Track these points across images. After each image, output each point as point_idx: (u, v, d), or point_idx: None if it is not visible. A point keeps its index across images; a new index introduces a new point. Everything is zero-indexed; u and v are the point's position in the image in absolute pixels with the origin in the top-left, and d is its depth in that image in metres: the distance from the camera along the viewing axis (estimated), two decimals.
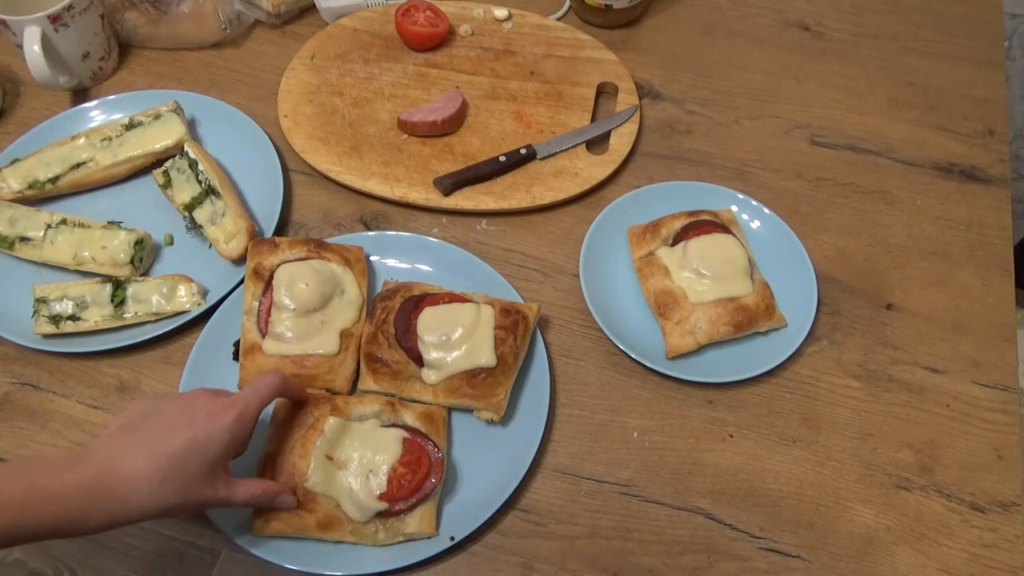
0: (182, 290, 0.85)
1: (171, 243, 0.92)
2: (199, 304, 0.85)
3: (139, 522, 0.60)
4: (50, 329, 0.83)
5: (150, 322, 0.85)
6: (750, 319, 0.82)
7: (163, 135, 0.95)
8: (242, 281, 0.85)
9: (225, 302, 0.85)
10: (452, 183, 0.94)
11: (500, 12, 1.12)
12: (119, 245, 0.86)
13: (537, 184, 0.96)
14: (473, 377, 0.77)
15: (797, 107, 1.06)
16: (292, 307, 0.80)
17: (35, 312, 0.83)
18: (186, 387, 0.79)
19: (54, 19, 0.96)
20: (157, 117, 0.96)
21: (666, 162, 1.01)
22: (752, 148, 1.02)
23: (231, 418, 0.64)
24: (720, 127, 1.04)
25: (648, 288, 0.85)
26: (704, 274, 0.83)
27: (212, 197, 0.90)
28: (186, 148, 0.93)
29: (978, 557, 0.74)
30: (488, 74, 1.06)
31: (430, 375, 0.78)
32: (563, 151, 0.99)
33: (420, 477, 0.72)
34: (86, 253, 0.87)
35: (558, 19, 1.15)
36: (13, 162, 0.93)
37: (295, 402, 0.75)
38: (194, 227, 0.91)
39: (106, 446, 0.61)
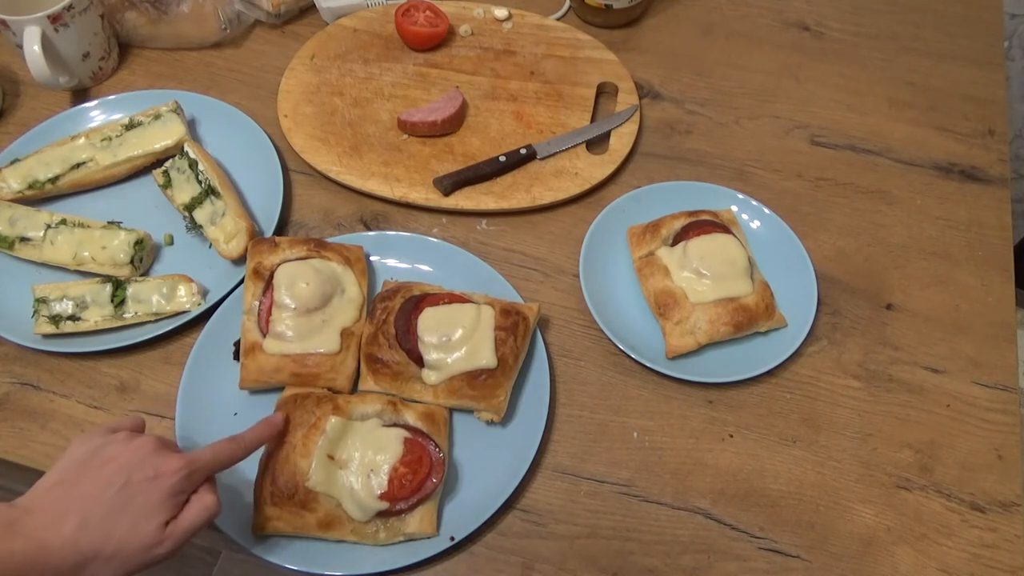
0: (182, 290, 0.85)
1: (171, 243, 0.92)
2: (199, 304, 0.85)
3: None
4: (50, 329, 0.83)
5: (150, 322, 0.85)
6: (750, 319, 0.82)
7: (163, 135, 0.95)
8: (242, 281, 0.85)
9: (225, 302, 0.85)
10: (452, 183, 0.94)
11: (500, 12, 1.12)
12: (119, 245, 0.86)
13: (537, 184, 0.96)
14: (473, 378, 0.77)
15: (797, 107, 1.06)
16: (293, 306, 0.80)
17: (35, 312, 0.83)
18: (187, 387, 0.80)
19: (54, 19, 0.96)
20: (157, 117, 0.96)
21: (666, 162, 1.01)
22: (752, 148, 1.02)
23: (175, 481, 0.60)
24: (720, 127, 1.04)
25: (648, 288, 0.85)
26: (704, 274, 0.83)
27: (212, 197, 0.90)
28: (186, 148, 0.93)
29: (978, 557, 0.74)
30: (488, 74, 1.06)
31: (430, 376, 0.78)
32: (563, 151, 0.99)
33: (421, 477, 0.72)
34: (86, 253, 0.87)
35: (558, 19, 1.15)
36: (13, 162, 0.93)
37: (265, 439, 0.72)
38: (194, 227, 0.91)
39: (40, 509, 0.57)
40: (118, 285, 0.85)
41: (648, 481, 0.78)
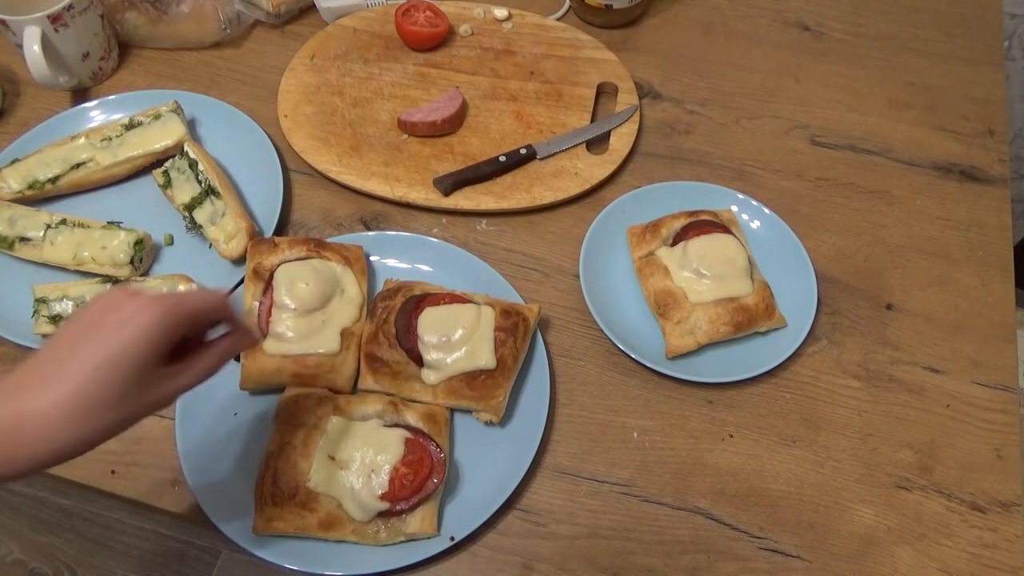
0: (182, 290, 0.85)
1: (171, 243, 0.92)
2: None
3: (74, 457, 0.54)
4: (50, 329, 0.83)
5: None
6: (750, 319, 0.82)
7: (163, 135, 0.95)
8: (242, 281, 0.85)
9: None
10: (452, 183, 0.94)
11: (500, 12, 1.12)
12: (119, 245, 0.86)
13: (537, 184, 0.96)
14: (472, 379, 0.77)
15: (797, 107, 1.06)
16: (293, 307, 0.80)
17: (35, 312, 0.83)
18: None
19: (54, 19, 0.96)
20: (157, 117, 0.96)
21: (666, 162, 1.01)
22: (752, 148, 1.02)
23: (156, 313, 0.56)
24: (720, 127, 1.04)
25: (648, 288, 0.85)
26: (704, 274, 0.83)
27: (212, 197, 0.90)
28: (186, 148, 0.93)
29: (978, 557, 0.74)
30: (488, 74, 1.06)
31: (430, 376, 0.78)
32: (563, 151, 0.99)
33: (422, 477, 0.72)
34: (86, 253, 0.87)
35: (558, 19, 1.15)
36: (13, 162, 0.93)
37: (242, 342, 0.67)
38: (194, 227, 0.91)
39: (17, 379, 0.54)
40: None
41: (648, 481, 0.78)
